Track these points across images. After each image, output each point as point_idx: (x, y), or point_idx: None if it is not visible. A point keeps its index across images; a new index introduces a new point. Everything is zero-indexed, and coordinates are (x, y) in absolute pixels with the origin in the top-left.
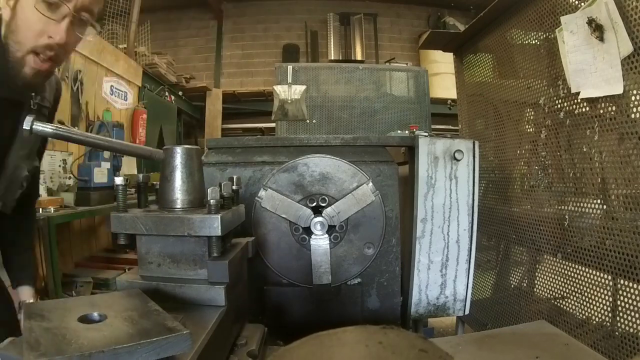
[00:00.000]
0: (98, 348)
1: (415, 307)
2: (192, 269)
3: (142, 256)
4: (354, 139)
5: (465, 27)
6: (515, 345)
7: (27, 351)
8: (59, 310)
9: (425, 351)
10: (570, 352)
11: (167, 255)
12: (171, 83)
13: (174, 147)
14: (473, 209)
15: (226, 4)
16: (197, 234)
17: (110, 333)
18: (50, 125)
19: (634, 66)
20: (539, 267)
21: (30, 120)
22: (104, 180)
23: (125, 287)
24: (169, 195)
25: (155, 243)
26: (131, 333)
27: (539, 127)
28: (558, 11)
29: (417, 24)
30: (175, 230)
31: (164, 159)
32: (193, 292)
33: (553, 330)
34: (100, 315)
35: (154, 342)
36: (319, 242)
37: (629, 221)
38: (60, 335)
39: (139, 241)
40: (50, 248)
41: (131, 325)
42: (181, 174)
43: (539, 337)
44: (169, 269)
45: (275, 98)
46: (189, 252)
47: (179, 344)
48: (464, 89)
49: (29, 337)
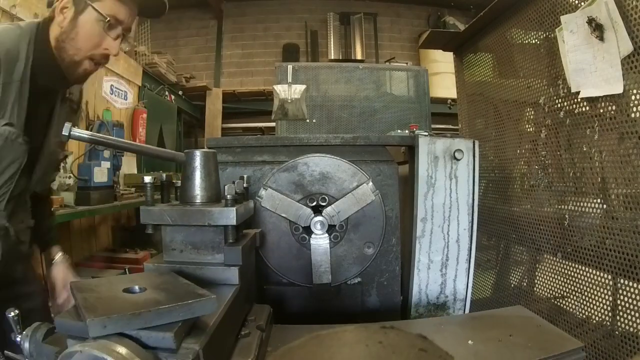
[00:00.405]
0: (145, 309)
1: (415, 307)
2: (211, 254)
3: (166, 244)
4: (354, 138)
5: (465, 26)
6: (494, 326)
7: (88, 312)
8: (104, 285)
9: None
10: (541, 331)
11: (189, 243)
12: (171, 82)
13: (195, 151)
14: (473, 209)
15: (226, 4)
16: (215, 223)
17: (152, 299)
18: (86, 132)
19: (633, 65)
20: (539, 266)
21: (69, 127)
22: (104, 179)
23: (151, 269)
24: (190, 192)
25: (179, 232)
26: (169, 298)
27: (539, 126)
28: (558, 11)
29: (417, 23)
30: (197, 220)
31: (186, 161)
32: (211, 273)
33: (529, 314)
34: (140, 288)
35: (188, 304)
36: (319, 241)
37: (629, 220)
38: (112, 302)
39: (163, 231)
40: None
41: (167, 294)
42: (201, 173)
43: (516, 319)
44: (190, 254)
45: (275, 98)
46: (207, 240)
47: (208, 306)
48: (464, 89)
49: (85, 304)
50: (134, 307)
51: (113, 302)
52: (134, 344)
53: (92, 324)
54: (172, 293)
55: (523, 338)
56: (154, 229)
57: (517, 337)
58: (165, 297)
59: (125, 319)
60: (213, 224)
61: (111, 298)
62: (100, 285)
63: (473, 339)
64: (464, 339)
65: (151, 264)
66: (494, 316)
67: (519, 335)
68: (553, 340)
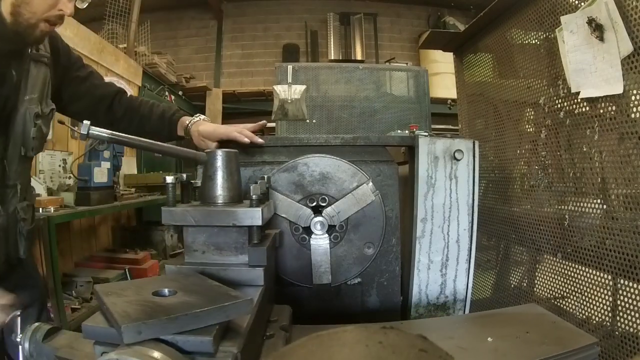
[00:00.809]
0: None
1: (415, 307)
2: (234, 255)
3: (188, 245)
4: (354, 138)
5: (465, 26)
6: (510, 323)
7: (121, 318)
8: (130, 289)
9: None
10: (556, 328)
11: (212, 244)
12: (171, 83)
13: (217, 151)
14: (473, 209)
15: (226, 4)
16: (241, 224)
17: (186, 302)
18: (106, 131)
19: (634, 66)
20: (539, 266)
21: (88, 125)
22: (104, 180)
23: (174, 271)
24: (212, 192)
25: (201, 233)
26: (203, 301)
27: (539, 126)
28: (558, 11)
29: (417, 23)
30: (221, 221)
31: (208, 161)
32: (235, 274)
33: (542, 311)
34: (170, 291)
35: (224, 307)
36: (319, 241)
37: (629, 221)
38: (144, 306)
39: (185, 232)
40: (50, 248)
41: (200, 296)
42: (223, 173)
43: (530, 316)
44: (212, 255)
45: (275, 98)
46: (231, 240)
47: (244, 308)
48: (464, 89)
49: (116, 308)
50: (168, 311)
51: (145, 306)
52: (172, 350)
53: (127, 330)
54: (204, 295)
55: (539, 334)
56: (175, 230)
57: (533, 333)
58: (198, 299)
59: (161, 323)
60: (238, 224)
61: (142, 302)
62: (127, 289)
63: (492, 336)
64: (483, 336)
65: (173, 266)
66: (509, 314)
67: (535, 332)
68: (568, 336)
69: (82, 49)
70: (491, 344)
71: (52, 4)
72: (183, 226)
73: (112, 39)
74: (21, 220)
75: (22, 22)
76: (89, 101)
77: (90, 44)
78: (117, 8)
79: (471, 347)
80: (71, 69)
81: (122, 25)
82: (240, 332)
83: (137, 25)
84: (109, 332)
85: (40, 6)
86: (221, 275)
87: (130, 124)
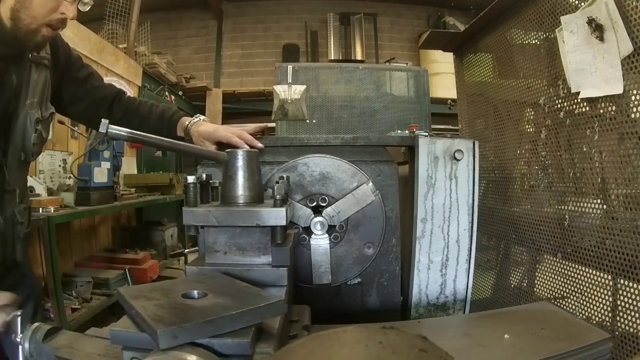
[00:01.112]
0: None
1: (415, 307)
2: (256, 255)
3: (209, 245)
4: (354, 138)
5: (465, 27)
6: (524, 321)
7: (155, 323)
8: (157, 292)
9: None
10: (569, 324)
11: (234, 244)
12: (171, 83)
13: (238, 151)
14: (473, 209)
15: (226, 4)
16: (265, 224)
17: (219, 304)
18: (125, 130)
19: (634, 66)
20: (539, 267)
21: (106, 124)
22: (104, 180)
23: (195, 273)
24: (233, 192)
25: (223, 233)
26: (236, 303)
27: (539, 127)
28: (558, 11)
29: (417, 23)
30: (244, 221)
31: (229, 161)
32: (259, 274)
33: (555, 309)
34: (199, 293)
35: (260, 308)
36: (319, 241)
37: (629, 221)
38: (176, 309)
39: (206, 232)
40: (50, 248)
41: (232, 298)
42: (244, 173)
43: (544, 314)
44: (234, 256)
45: (275, 98)
46: (254, 241)
47: (278, 309)
48: (464, 89)
49: (147, 313)
50: (202, 314)
51: (177, 309)
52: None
53: (163, 335)
54: (236, 297)
55: (553, 331)
56: (196, 230)
57: (548, 330)
58: (231, 301)
59: (198, 327)
60: (262, 224)
61: (173, 305)
62: (154, 291)
63: (508, 333)
64: (499, 334)
65: (194, 267)
66: (522, 312)
67: (550, 329)
68: (582, 333)
69: (82, 49)
70: (508, 340)
71: (53, 7)
72: (204, 226)
73: (112, 39)
74: (18, 224)
75: (22, 28)
76: (89, 103)
77: (90, 44)
78: (117, 8)
79: (489, 344)
80: (71, 69)
81: (122, 25)
82: (273, 333)
83: (137, 25)
84: (140, 337)
85: (41, 11)
86: (244, 275)
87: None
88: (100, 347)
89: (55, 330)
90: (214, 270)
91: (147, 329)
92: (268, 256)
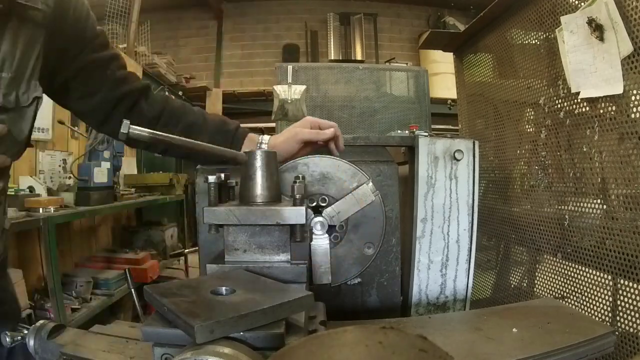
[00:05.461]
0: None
1: (415, 307)
2: (276, 253)
3: (229, 244)
4: (354, 138)
5: (465, 27)
6: (531, 315)
7: (190, 319)
8: (185, 289)
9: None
10: (574, 319)
11: (253, 242)
12: (171, 83)
13: (256, 151)
14: (473, 209)
15: (226, 4)
16: (285, 222)
17: (250, 299)
18: (147, 130)
19: (634, 66)
20: (539, 267)
21: (128, 124)
22: (104, 180)
23: (216, 270)
24: (252, 192)
25: (243, 232)
26: (266, 298)
27: (539, 127)
28: (558, 11)
29: (417, 23)
30: (265, 220)
31: (247, 161)
32: (280, 271)
33: (559, 303)
34: (227, 289)
35: (290, 302)
36: (319, 242)
37: (629, 221)
38: (209, 305)
39: (226, 231)
40: (50, 248)
41: (261, 293)
42: (264, 173)
43: (549, 309)
44: (254, 254)
45: (275, 98)
46: (273, 239)
47: (307, 303)
48: (464, 89)
49: (180, 308)
50: (235, 309)
51: (210, 305)
52: (244, 346)
53: (200, 330)
54: (265, 292)
55: (560, 325)
56: (217, 229)
57: (554, 324)
58: (261, 296)
59: (233, 321)
60: (282, 222)
61: (205, 301)
62: (182, 288)
63: (516, 327)
64: (508, 327)
65: (214, 265)
66: (529, 307)
67: (556, 323)
68: (587, 326)
69: None
70: (517, 334)
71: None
72: (225, 225)
73: (112, 39)
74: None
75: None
76: (105, 98)
77: None
78: (117, 8)
79: (498, 338)
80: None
81: (122, 25)
82: (300, 326)
83: (137, 25)
84: (173, 333)
85: None
86: (265, 273)
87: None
88: (105, 343)
89: (60, 327)
90: (235, 268)
91: (181, 325)
92: (286, 254)
